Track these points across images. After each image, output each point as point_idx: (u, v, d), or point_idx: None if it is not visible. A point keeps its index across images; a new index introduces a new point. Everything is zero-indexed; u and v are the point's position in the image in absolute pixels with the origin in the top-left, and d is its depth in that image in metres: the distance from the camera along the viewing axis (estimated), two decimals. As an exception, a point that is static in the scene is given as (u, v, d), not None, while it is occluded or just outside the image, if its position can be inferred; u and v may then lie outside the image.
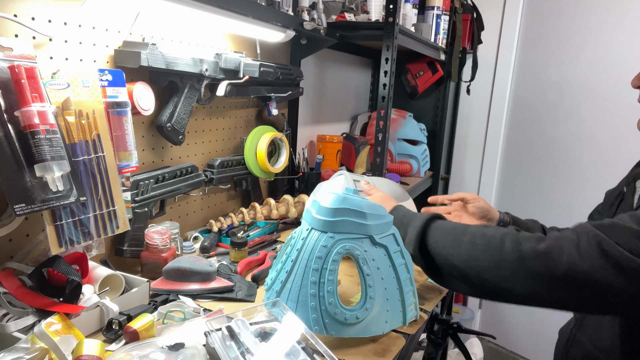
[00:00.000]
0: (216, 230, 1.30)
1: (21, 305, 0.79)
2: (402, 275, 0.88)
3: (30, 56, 0.79)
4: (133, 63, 1.01)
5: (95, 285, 0.89)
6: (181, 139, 1.18)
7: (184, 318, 0.89)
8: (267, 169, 1.48)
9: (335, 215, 0.85)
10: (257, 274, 1.09)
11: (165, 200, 1.20)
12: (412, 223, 0.89)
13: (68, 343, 0.71)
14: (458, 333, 1.33)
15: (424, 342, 1.53)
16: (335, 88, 2.21)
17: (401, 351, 0.85)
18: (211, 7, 1.06)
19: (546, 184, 2.60)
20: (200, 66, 1.16)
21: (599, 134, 2.42)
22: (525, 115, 2.65)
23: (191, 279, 1.00)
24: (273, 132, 1.51)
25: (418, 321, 0.93)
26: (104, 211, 0.92)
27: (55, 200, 0.79)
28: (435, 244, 0.83)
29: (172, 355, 0.72)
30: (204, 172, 1.33)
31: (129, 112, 0.98)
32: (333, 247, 0.84)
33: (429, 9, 2.18)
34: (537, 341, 2.73)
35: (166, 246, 1.07)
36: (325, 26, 1.53)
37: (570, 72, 2.48)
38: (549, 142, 2.58)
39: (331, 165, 1.95)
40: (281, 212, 1.41)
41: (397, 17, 1.50)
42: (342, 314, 0.81)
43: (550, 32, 2.51)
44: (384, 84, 1.54)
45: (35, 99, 0.76)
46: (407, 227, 0.89)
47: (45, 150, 0.76)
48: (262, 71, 1.32)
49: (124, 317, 0.82)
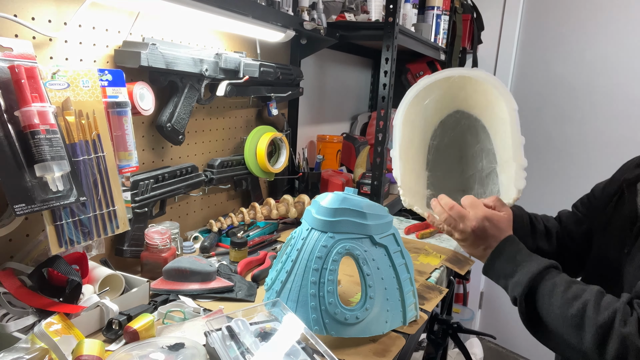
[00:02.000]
0: (216, 230, 1.30)
1: (21, 305, 0.79)
2: (402, 275, 0.88)
3: (30, 56, 0.79)
4: (133, 63, 1.01)
5: (95, 285, 0.89)
6: (181, 139, 1.18)
7: (184, 318, 0.89)
8: (267, 169, 1.48)
9: (335, 215, 0.85)
10: (257, 274, 1.09)
11: (165, 200, 1.20)
12: (526, 265, 0.82)
13: (68, 343, 0.71)
14: (458, 333, 1.33)
15: (424, 342, 1.53)
16: (335, 88, 2.21)
17: (401, 351, 0.85)
18: (211, 7, 1.06)
19: (546, 183, 2.60)
20: (200, 66, 1.16)
21: (599, 133, 2.42)
22: (525, 114, 2.63)
23: (191, 279, 1.00)
24: (273, 132, 1.51)
25: (418, 321, 0.93)
26: (104, 211, 0.92)
27: (55, 200, 0.79)
28: (544, 296, 0.78)
29: (172, 355, 0.72)
30: (204, 172, 1.33)
31: (129, 112, 0.98)
32: (333, 247, 0.84)
33: (429, 9, 2.18)
34: (537, 341, 2.71)
35: (166, 246, 1.07)
36: (325, 26, 1.53)
37: (570, 71, 2.48)
38: (548, 142, 2.58)
39: (331, 165, 1.95)
40: (281, 212, 1.42)
41: (397, 17, 1.50)
42: (342, 314, 0.81)
43: (550, 31, 2.51)
44: (384, 84, 1.54)
45: (35, 99, 0.76)
46: (518, 266, 0.83)
47: (45, 150, 0.76)
48: (262, 71, 1.32)
49: (124, 317, 0.82)
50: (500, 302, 2.87)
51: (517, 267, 0.83)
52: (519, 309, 0.81)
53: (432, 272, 1.21)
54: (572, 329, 0.73)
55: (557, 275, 0.80)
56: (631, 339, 0.67)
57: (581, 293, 0.74)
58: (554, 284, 0.78)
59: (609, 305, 0.71)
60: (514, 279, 0.82)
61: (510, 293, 0.83)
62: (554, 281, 0.78)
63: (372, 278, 0.84)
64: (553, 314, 0.76)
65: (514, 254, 0.85)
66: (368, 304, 0.83)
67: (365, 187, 1.70)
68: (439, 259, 1.30)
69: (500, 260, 0.86)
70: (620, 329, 0.68)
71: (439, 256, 1.32)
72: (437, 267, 1.24)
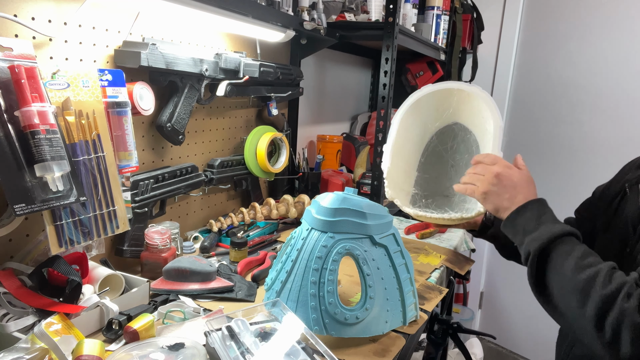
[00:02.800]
0: (216, 230, 1.30)
1: (21, 305, 0.79)
2: (402, 275, 0.88)
3: (30, 56, 0.79)
4: (133, 63, 1.01)
5: (95, 285, 0.89)
6: (181, 139, 1.18)
7: (184, 318, 0.89)
8: (267, 169, 1.48)
9: (335, 215, 0.85)
10: (257, 274, 1.09)
11: (165, 200, 1.20)
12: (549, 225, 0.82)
13: (68, 343, 0.71)
14: (458, 333, 1.33)
15: (424, 342, 1.53)
16: (335, 88, 2.21)
17: (401, 351, 0.85)
18: (211, 7, 1.06)
19: (546, 183, 2.60)
20: (200, 66, 1.16)
21: (599, 133, 2.42)
22: (525, 115, 2.65)
23: (191, 279, 1.00)
24: (273, 132, 1.51)
25: (418, 321, 0.93)
26: (104, 211, 0.92)
27: (55, 200, 0.79)
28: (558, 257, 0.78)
29: (172, 355, 0.72)
30: (204, 172, 1.33)
31: (129, 112, 0.98)
32: (333, 247, 0.84)
33: (429, 9, 2.18)
34: (537, 341, 2.73)
35: (166, 246, 1.07)
36: (325, 26, 1.53)
37: (570, 71, 2.48)
38: (548, 142, 2.58)
39: (331, 165, 1.95)
40: (281, 212, 1.42)
41: (397, 17, 1.50)
42: (342, 314, 0.81)
43: (550, 32, 2.51)
44: (384, 84, 1.54)
45: (35, 99, 0.76)
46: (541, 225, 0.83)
47: (45, 150, 0.76)
48: (262, 71, 1.32)
49: (124, 317, 0.82)
50: (500, 302, 2.87)
51: (539, 225, 0.83)
52: (529, 263, 0.81)
53: (432, 272, 1.21)
54: (577, 294, 0.73)
55: (577, 242, 0.80)
56: (629, 313, 0.68)
57: (596, 263, 0.75)
58: (573, 248, 0.78)
59: (618, 278, 0.72)
60: (534, 234, 0.82)
61: (525, 248, 0.82)
62: (573, 246, 0.79)
63: (372, 278, 0.84)
64: (564, 275, 0.76)
65: (540, 214, 0.85)
66: (368, 304, 0.83)
67: (365, 187, 1.70)
68: (439, 259, 1.30)
69: (524, 216, 0.86)
70: (622, 303, 0.68)
71: (439, 256, 1.32)
72: (437, 267, 1.24)
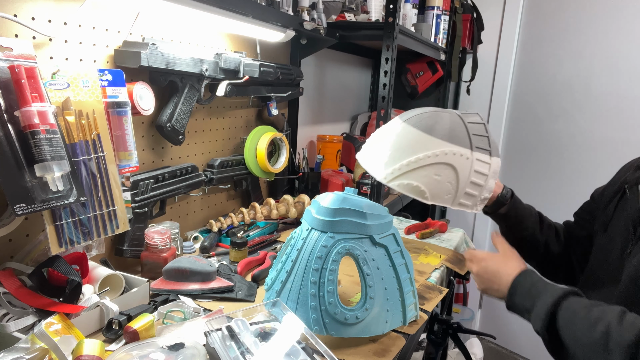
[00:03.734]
0: (216, 230, 1.30)
1: (21, 305, 0.79)
2: (402, 275, 0.88)
3: (30, 56, 0.79)
4: (133, 63, 1.01)
5: (95, 285, 0.89)
6: (181, 139, 1.18)
7: (184, 318, 0.89)
8: (267, 169, 1.48)
9: (335, 215, 0.85)
10: (257, 274, 1.09)
11: (165, 200, 1.20)
12: (541, 297, 0.82)
13: (68, 343, 0.71)
14: (458, 333, 1.33)
15: (424, 342, 1.53)
16: (335, 88, 2.21)
17: (401, 351, 0.85)
18: (211, 7, 1.06)
19: (546, 182, 2.60)
20: (200, 66, 1.16)
21: (599, 133, 2.42)
22: (525, 114, 2.65)
23: (191, 279, 1.00)
24: (273, 132, 1.51)
25: (418, 321, 0.93)
26: (104, 211, 0.92)
27: (55, 200, 0.79)
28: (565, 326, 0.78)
29: (172, 355, 0.72)
30: (204, 172, 1.33)
31: (129, 112, 0.98)
32: (333, 247, 0.84)
33: (429, 9, 2.18)
34: (537, 341, 2.69)
35: (166, 246, 1.07)
36: (325, 26, 1.53)
37: (570, 71, 2.48)
38: (549, 142, 2.58)
39: (331, 165, 1.95)
40: (281, 212, 1.42)
41: (397, 17, 1.50)
42: (342, 314, 0.81)
43: (550, 31, 2.51)
44: (384, 84, 1.54)
45: (35, 99, 0.76)
46: (535, 299, 0.83)
47: (45, 150, 0.76)
48: (262, 71, 1.32)
49: (124, 317, 0.82)
50: (500, 302, 2.87)
51: (534, 301, 0.84)
52: (543, 341, 0.81)
53: (432, 272, 1.21)
54: (599, 354, 0.72)
55: (574, 301, 0.79)
56: None
57: (602, 315, 0.74)
58: (574, 311, 0.77)
59: (633, 323, 0.71)
60: (534, 313, 0.83)
61: (533, 327, 0.84)
62: (573, 309, 0.78)
63: (372, 278, 0.84)
64: (578, 341, 0.75)
65: (529, 288, 0.86)
66: (368, 304, 0.83)
67: (365, 187, 1.70)
68: (439, 259, 1.30)
69: (517, 296, 0.88)
70: None
71: (439, 256, 1.32)
72: (437, 267, 1.24)
